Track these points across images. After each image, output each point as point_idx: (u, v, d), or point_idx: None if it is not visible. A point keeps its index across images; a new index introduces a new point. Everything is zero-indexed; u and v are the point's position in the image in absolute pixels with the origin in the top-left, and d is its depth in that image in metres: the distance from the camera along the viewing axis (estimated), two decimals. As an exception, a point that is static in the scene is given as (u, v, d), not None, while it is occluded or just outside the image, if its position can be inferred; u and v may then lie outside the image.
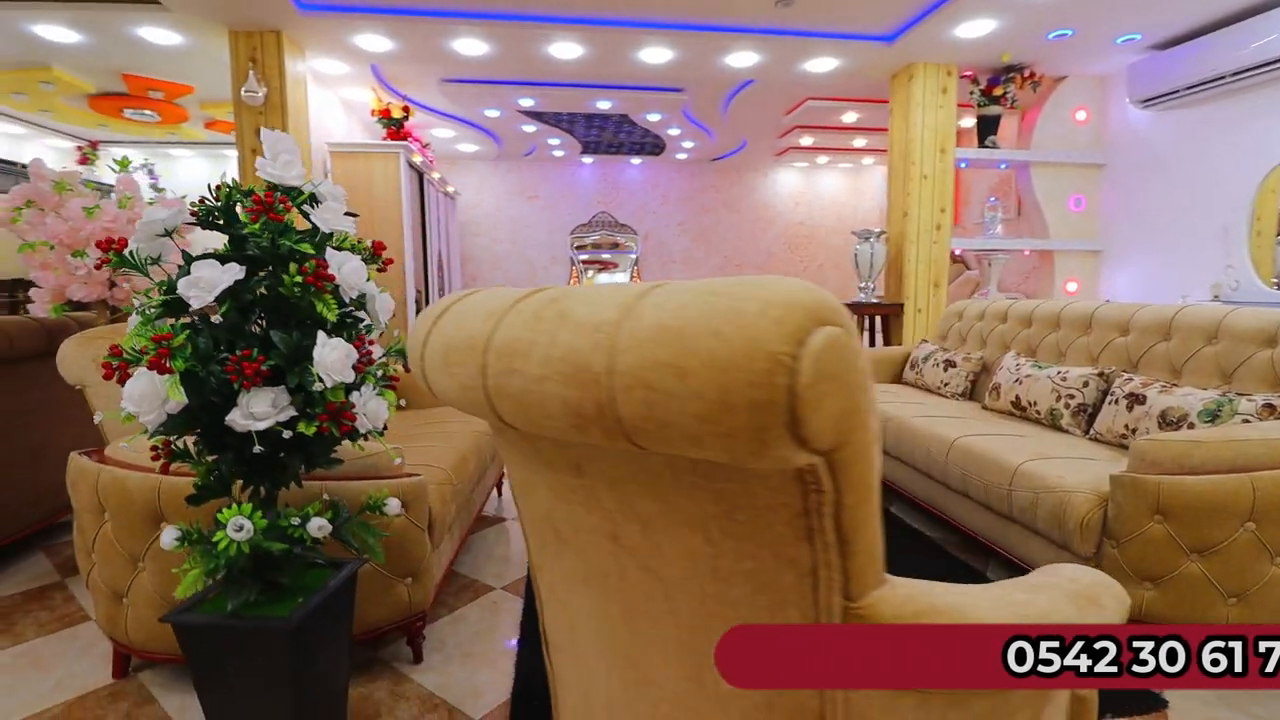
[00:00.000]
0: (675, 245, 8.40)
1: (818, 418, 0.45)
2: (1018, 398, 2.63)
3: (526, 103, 5.47)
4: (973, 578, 2.15)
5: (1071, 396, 2.39)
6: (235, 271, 1.05)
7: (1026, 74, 4.42)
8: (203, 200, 1.15)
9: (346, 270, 1.12)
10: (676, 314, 0.49)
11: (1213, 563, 1.55)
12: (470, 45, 4.20)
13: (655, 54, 4.36)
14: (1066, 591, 0.75)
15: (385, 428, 1.25)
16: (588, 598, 0.82)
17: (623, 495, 0.67)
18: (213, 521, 1.08)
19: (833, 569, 0.55)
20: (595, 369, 0.51)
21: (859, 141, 6.82)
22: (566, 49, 4.28)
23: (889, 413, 2.77)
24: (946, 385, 3.16)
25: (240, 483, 1.17)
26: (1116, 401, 2.18)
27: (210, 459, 1.13)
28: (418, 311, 5.40)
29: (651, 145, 7.20)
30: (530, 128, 6.31)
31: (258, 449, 1.03)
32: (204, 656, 1.13)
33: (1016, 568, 2.01)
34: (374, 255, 1.25)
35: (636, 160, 8.00)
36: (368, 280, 1.25)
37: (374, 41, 4.11)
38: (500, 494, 3.06)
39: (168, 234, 1.12)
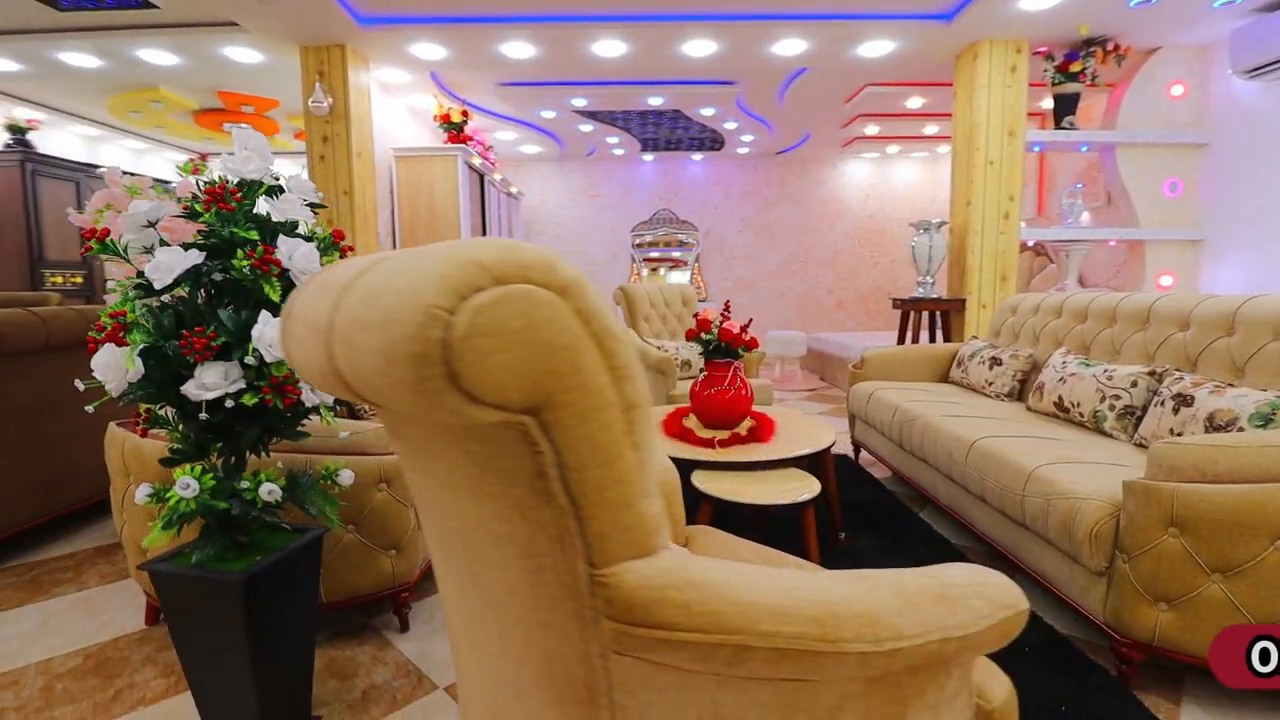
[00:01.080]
0: (737, 241, 8.27)
1: (479, 372, 0.45)
2: (1060, 398, 2.41)
3: (579, 102, 5.58)
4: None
5: (1117, 397, 2.16)
6: (194, 257, 1.16)
7: (1110, 47, 4.01)
8: (194, 196, 1.28)
9: (298, 256, 1.21)
10: (384, 272, 0.50)
11: (1238, 585, 1.37)
12: (518, 48, 4.34)
13: (699, 47, 4.33)
14: (918, 588, 0.69)
15: (337, 404, 1.33)
16: (445, 578, 0.84)
17: (427, 461, 0.69)
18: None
19: (573, 534, 0.55)
20: (322, 325, 0.53)
21: (930, 129, 6.45)
22: (610, 47, 4.33)
23: (915, 411, 2.62)
24: (991, 385, 2.94)
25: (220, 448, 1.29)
26: (1163, 403, 1.96)
27: (181, 427, 1.25)
28: (475, 307, 5.65)
29: (710, 141, 7.14)
30: (587, 127, 6.43)
31: (204, 416, 1.14)
32: (172, 604, 1.26)
33: (1037, 583, 1.85)
34: (333, 244, 1.33)
35: (697, 156, 7.95)
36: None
37: (429, 50, 4.34)
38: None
39: (151, 225, 1.26)
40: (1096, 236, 4.42)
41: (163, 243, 1.22)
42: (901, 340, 4.68)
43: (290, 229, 1.25)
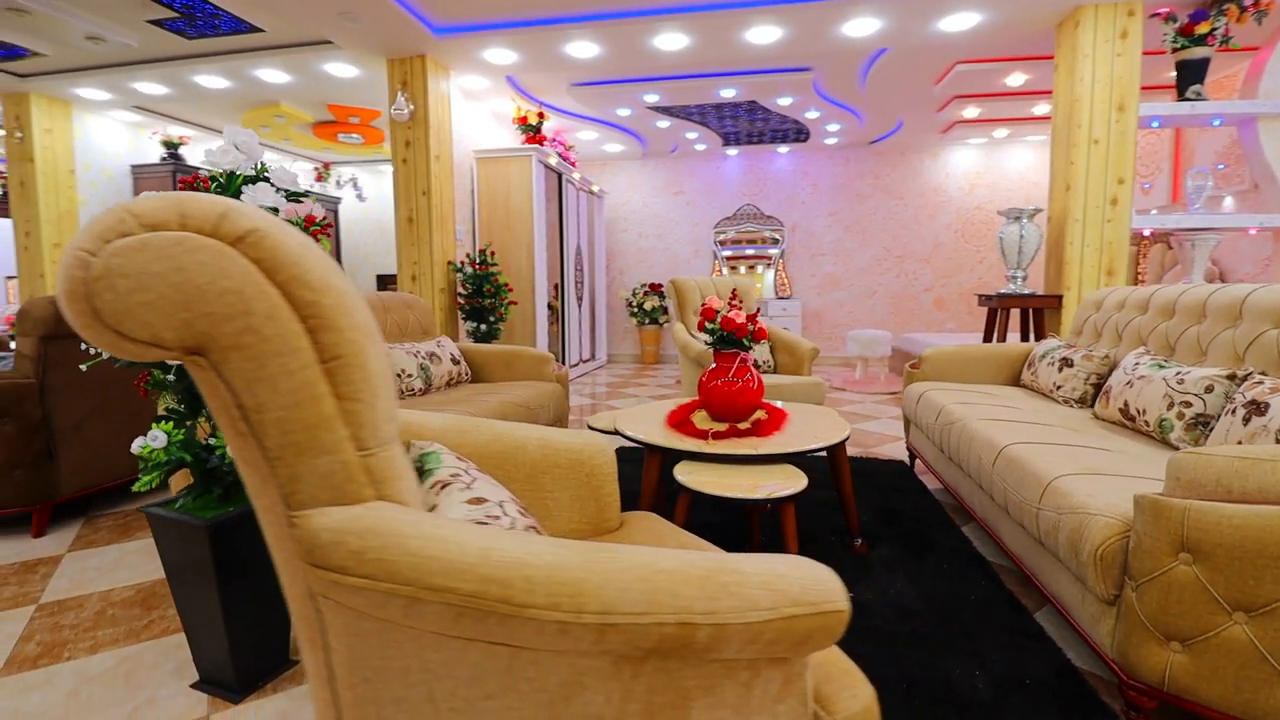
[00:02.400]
0: (825, 236, 7.93)
1: (120, 310, 0.49)
2: (1126, 404, 2.11)
3: (651, 98, 5.60)
4: (1021, 618, 1.78)
5: (1187, 404, 1.85)
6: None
7: (1248, 2, 3.41)
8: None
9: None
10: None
11: (1265, 628, 1.13)
12: (583, 48, 4.45)
13: (763, 33, 4.21)
14: (684, 568, 0.65)
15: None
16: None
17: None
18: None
19: (268, 474, 0.58)
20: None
21: (1040, 108, 5.82)
22: (673, 40, 4.32)
23: (956, 414, 2.40)
24: (1059, 389, 2.62)
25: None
26: (1234, 411, 1.65)
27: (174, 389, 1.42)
28: (550, 301, 5.85)
29: (795, 132, 6.90)
30: (664, 123, 6.44)
31: (170, 377, 1.29)
32: (162, 544, 1.44)
33: (1056, 608, 1.64)
34: (305, 228, 1.45)
35: (783, 149, 7.71)
36: None
37: (501, 55, 4.55)
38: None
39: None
40: (1225, 224, 3.78)
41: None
42: (988, 341, 4.27)
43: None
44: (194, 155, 6.39)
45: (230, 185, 1.38)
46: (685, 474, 1.82)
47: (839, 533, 2.36)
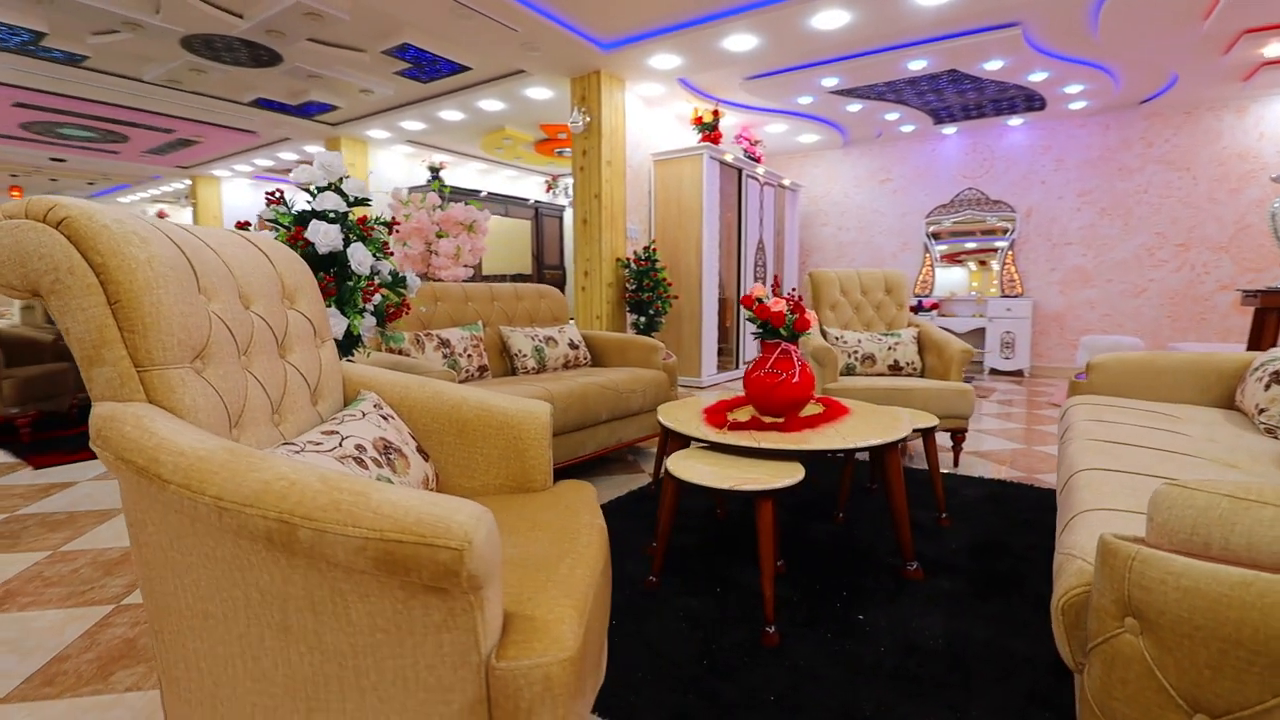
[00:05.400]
0: (1073, 221, 6.57)
1: None
2: (1314, 436, 1.51)
3: (830, 82, 5.30)
4: (1047, 684, 1.44)
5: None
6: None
7: None
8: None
9: (321, 233, 1.76)
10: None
11: (1234, 735, 0.80)
12: (741, 40, 4.45)
13: (936, -6, 3.74)
14: (317, 480, 0.79)
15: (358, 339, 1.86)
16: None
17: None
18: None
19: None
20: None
21: None
22: (832, 18, 4.08)
23: (1076, 431, 1.95)
24: (1263, 413, 1.93)
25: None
26: None
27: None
28: (720, 294, 5.94)
29: (1024, 100, 5.86)
30: (854, 106, 6.02)
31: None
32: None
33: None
34: (355, 227, 1.85)
35: (1015, 121, 6.58)
36: (379, 259, 1.89)
37: (666, 60, 4.79)
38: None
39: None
40: None
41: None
42: (1254, 348, 3.22)
43: (324, 217, 1.82)
44: (449, 177, 7.91)
45: (313, 195, 1.85)
46: (676, 460, 1.83)
47: (890, 554, 2.09)
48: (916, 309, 6.85)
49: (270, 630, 0.83)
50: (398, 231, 3.57)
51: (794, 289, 2.15)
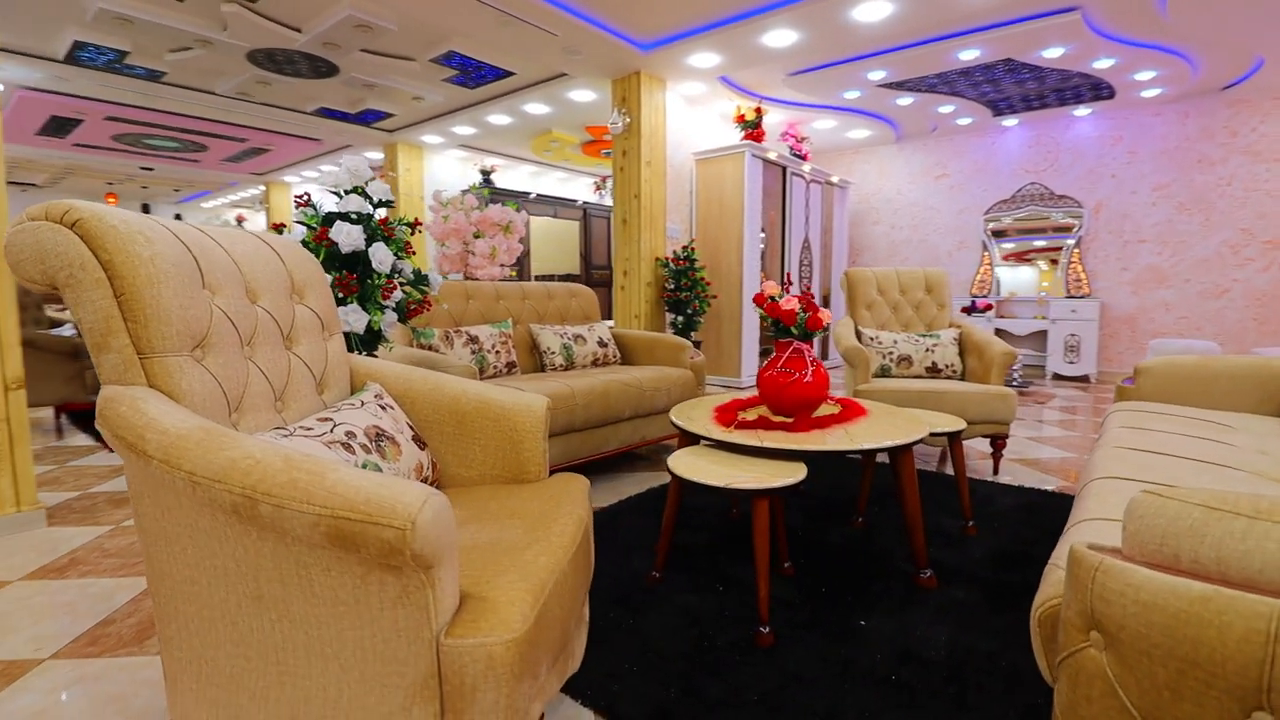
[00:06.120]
0: (1146, 217, 6.15)
1: (14, 262, 0.94)
2: (1367, 449, 1.37)
3: (877, 75, 5.15)
4: (1038, 696, 1.38)
5: None
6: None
7: None
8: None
9: (344, 233, 1.87)
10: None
11: (1200, 759, 0.75)
12: (780, 36, 4.39)
13: (985, -19, 3.58)
14: (273, 459, 0.85)
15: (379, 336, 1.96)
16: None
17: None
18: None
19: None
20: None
21: None
22: (873, 9, 3.97)
23: (1110, 438, 1.84)
24: (1324, 423, 1.77)
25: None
26: None
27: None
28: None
29: (1093, 88, 5.52)
30: (905, 100, 5.83)
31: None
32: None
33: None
34: (377, 227, 1.95)
35: (1081, 111, 6.20)
36: (400, 258, 1.99)
37: (705, 59, 4.77)
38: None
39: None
40: None
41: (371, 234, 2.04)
42: (1340, 358, 2.93)
43: (347, 218, 1.92)
44: (501, 180, 8.12)
45: (340, 197, 1.96)
46: (682, 456, 1.84)
47: (904, 560, 2.03)
48: (970, 310, 6.56)
49: (246, 599, 0.90)
50: (433, 232, 3.72)
51: (785, 284, 2.11)
